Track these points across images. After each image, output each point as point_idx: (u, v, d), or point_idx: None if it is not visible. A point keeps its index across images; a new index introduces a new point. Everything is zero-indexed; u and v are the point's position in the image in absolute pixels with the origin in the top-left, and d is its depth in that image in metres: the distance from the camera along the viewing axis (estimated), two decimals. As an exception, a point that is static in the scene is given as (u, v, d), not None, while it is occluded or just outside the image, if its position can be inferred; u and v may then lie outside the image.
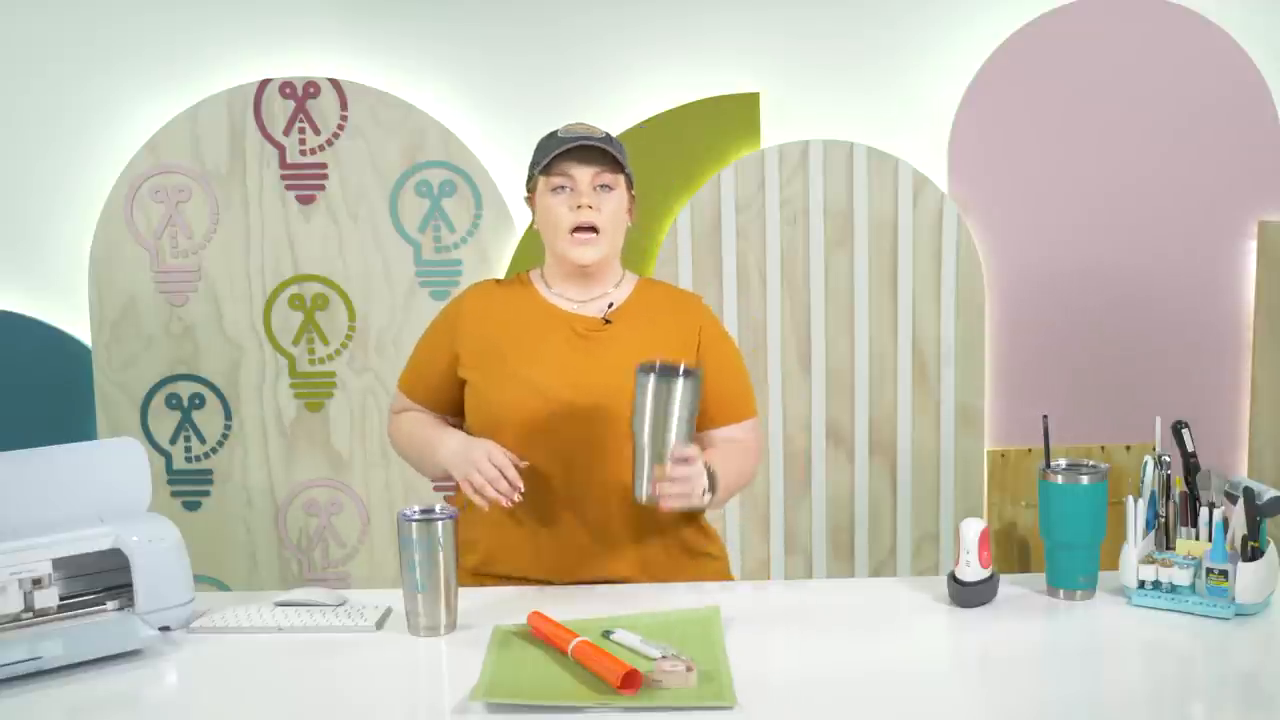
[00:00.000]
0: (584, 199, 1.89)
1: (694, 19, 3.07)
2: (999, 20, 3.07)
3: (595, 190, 1.90)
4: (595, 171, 1.90)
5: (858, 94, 3.09)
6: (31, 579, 1.63)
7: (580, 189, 1.89)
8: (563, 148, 1.89)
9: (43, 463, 1.74)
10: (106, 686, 1.54)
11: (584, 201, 1.89)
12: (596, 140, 1.89)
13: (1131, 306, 3.17)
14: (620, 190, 1.93)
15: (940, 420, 3.15)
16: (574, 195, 1.90)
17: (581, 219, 1.89)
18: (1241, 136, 3.11)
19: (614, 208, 1.92)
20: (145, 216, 3.06)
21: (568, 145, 1.88)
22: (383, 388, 3.12)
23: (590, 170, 1.89)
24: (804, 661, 1.60)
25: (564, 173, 1.90)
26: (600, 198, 1.90)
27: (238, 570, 3.15)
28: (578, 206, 1.89)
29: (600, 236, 1.90)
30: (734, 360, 2.03)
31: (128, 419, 3.11)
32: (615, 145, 1.93)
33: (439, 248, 3.09)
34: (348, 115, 3.05)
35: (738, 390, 2.02)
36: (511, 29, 3.06)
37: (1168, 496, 1.77)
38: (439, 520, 1.66)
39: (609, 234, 1.92)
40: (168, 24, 3.04)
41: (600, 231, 1.90)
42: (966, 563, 1.73)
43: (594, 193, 1.90)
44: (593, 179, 1.90)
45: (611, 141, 1.93)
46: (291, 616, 1.73)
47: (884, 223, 3.09)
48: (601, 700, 1.43)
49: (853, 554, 3.19)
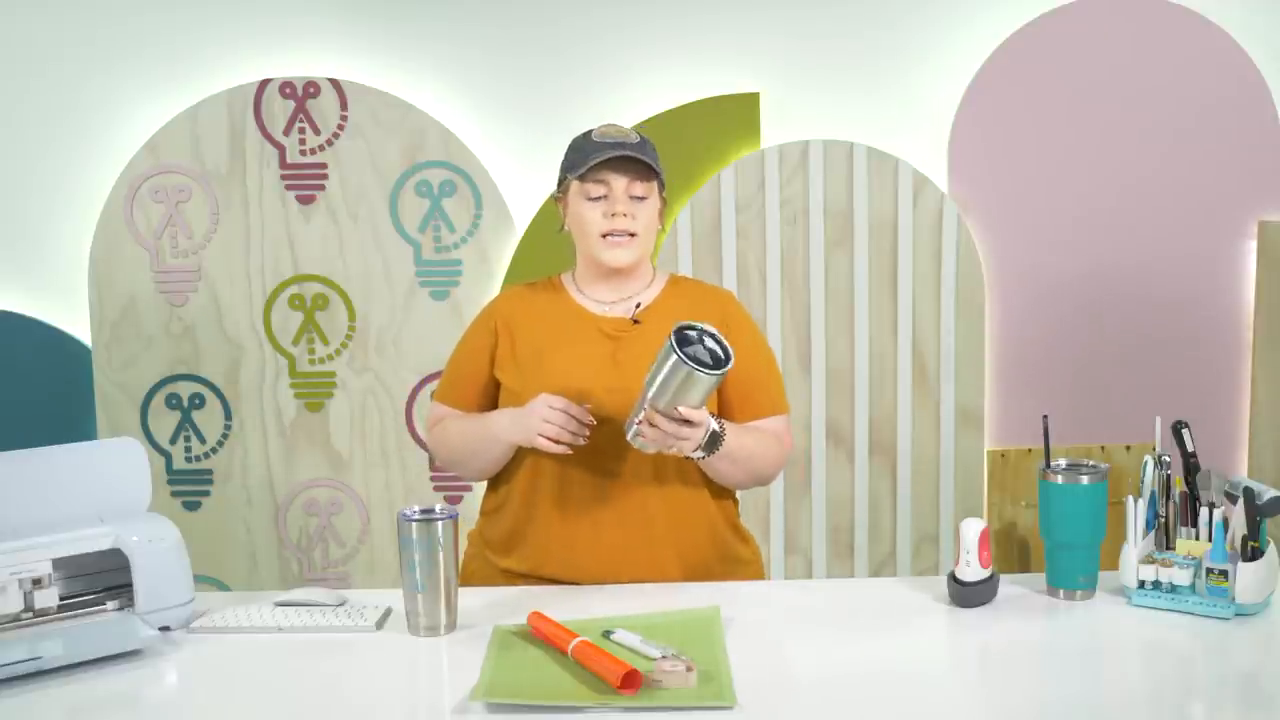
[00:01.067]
0: (619, 207, 1.89)
1: (694, 19, 3.07)
2: (999, 20, 3.07)
3: (630, 200, 1.90)
4: (630, 181, 1.89)
5: (858, 94, 3.09)
6: (31, 579, 1.63)
7: (615, 197, 1.89)
8: (601, 157, 1.87)
9: (43, 463, 1.74)
10: (106, 686, 1.54)
11: (619, 210, 1.89)
12: (632, 150, 1.88)
13: (1131, 306, 3.17)
14: (653, 198, 1.93)
15: (940, 420, 3.15)
16: (609, 204, 1.89)
17: (616, 226, 1.89)
18: (1241, 136, 3.11)
19: (648, 215, 1.92)
20: (145, 216, 3.06)
21: (605, 156, 1.87)
22: (383, 388, 3.12)
23: (625, 179, 1.89)
24: (804, 661, 1.60)
25: (600, 180, 1.89)
26: (634, 206, 1.90)
27: (238, 570, 3.15)
28: (613, 215, 1.89)
29: (634, 241, 1.91)
30: (757, 355, 2.01)
31: (128, 419, 3.11)
32: (649, 152, 1.92)
33: (439, 248, 3.09)
34: (348, 115, 3.05)
35: (762, 385, 1.99)
36: (511, 29, 3.07)
37: (1168, 496, 1.77)
38: (439, 520, 1.66)
39: (642, 240, 1.92)
40: (168, 24, 3.04)
41: (635, 236, 1.91)
42: (966, 563, 1.73)
43: (629, 202, 1.90)
44: (627, 188, 1.89)
45: (645, 147, 1.91)
46: (291, 616, 1.73)
47: (884, 223, 3.09)
48: (601, 700, 1.43)
49: (853, 554, 3.19)
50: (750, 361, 1.97)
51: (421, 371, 3.11)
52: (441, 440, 2.03)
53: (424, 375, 3.11)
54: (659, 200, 1.96)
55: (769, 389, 2.00)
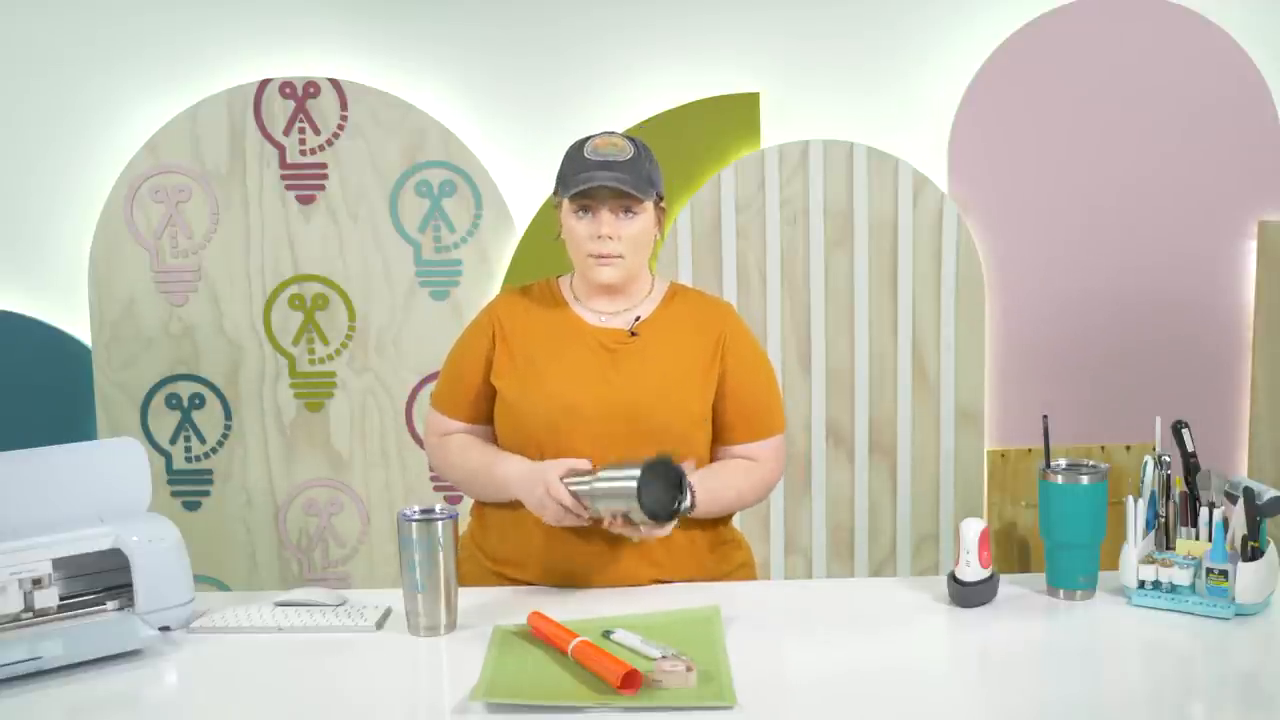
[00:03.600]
0: (604, 230, 1.86)
1: (694, 19, 3.07)
2: (999, 20, 3.07)
3: (617, 217, 1.87)
4: (616, 200, 1.86)
5: (858, 94, 3.09)
6: (31, 579, 1.63)
7: (601, 220, 1.86)
8: (584, 186, 1.84)
9: (43, 463, 1.74)
10: (106, 686, 1.54)
11: (604, 231, 1.86)
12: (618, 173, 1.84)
13: (1131, 306, 3.17)
14: (645, 213, 1.89)
15: (940, 420, 3.15)
16: (595, 224, 1.87)
17: (601, 249, 1.87)
18: (1241, 136, 3.11)
19: (636, 231, 1.88)
20: (145, 216, 3.06)
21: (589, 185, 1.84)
22: (383, 388, 3.12)
23: (611, 200, 1.86)
24: (804, 661, 1.60)
25: (587, 200, 1.87)
26: (622, 225, 1.87)
27: (238, 570, 3.15)
28: (598, 236, 1.87)
29: (621, 260, 1.88)
30: (757, 373, 1.98)
31: (128, 419, 3.11)
32: (640, 170, 1.87)
33: (439, 248, 3.09)
34: (348, 115, 3.05)
35: (760, 405, 1.97)
36: (511, 29, 3.06)
37: (1168, 496, 1.77)
38: (439, 520, 1.66)
39: (630, 258, 1.89)
40: (168, 24, 3.04)
41: (622, 256, 1.88)
42: (966, 563, 1.73)
43: (615, 223, 1.87)
44: (613, 206, 1.86)
45: (637, 164, 1.87)
46: (291, 616, 1.73)
47: (884, 223, 3.09)
48: (601, 700, 1.43)
49: (853, 554, 3.19)
50: (751, 381, 1.96)
51: (421, 371, 3.11)
52: (444, 459, 2.00)
53: (424, 375, 3.11)
54: (655, 211, 1.92)
55: (768, 410, 1.98)
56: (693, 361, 1.91)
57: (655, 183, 1.90)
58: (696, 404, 1.91)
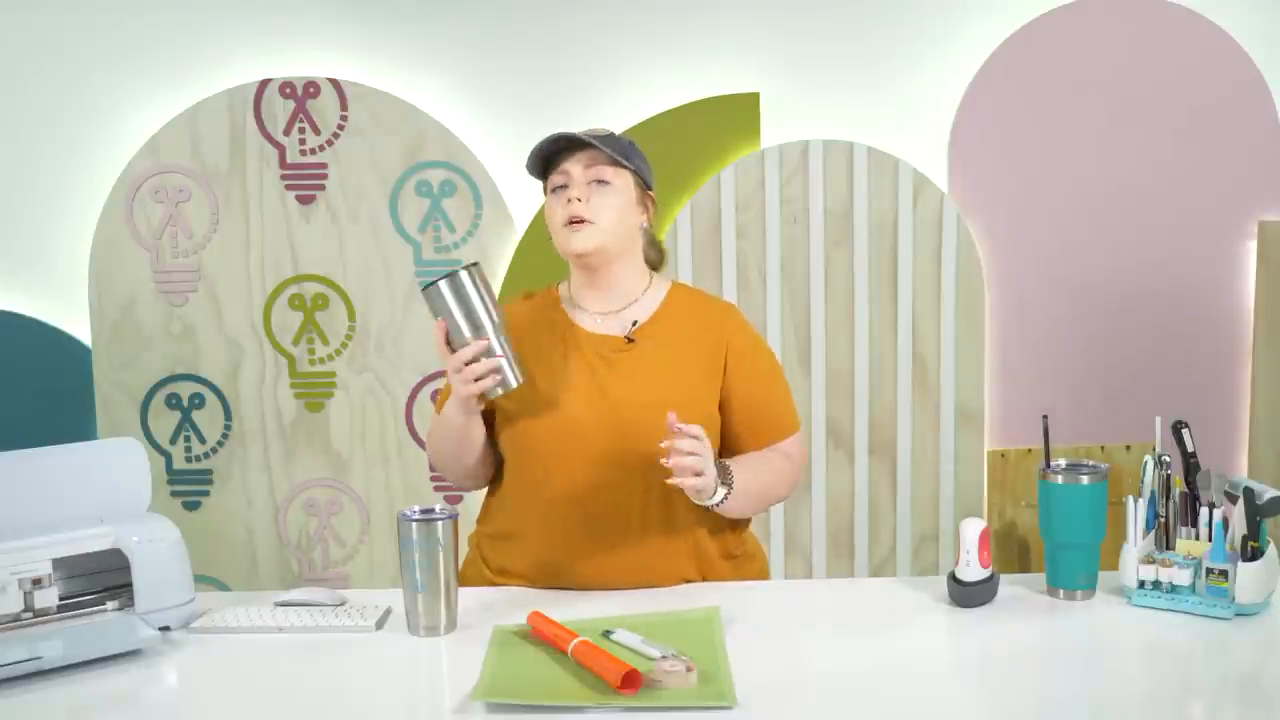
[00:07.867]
0: (574, 192, 1.85)
1: (694, 19, 3.07)
2: (999, 20, 3.07)
3: (589, 185, 1.86)
4: (587, 167, 1.86)
5: (858, 94, 3.09)
6: (31, 579, 1.63)
7: (574, 183, 1.86)
8: (549, 148, 1.86)
9: (43, 463, 1.74)
10: (106, 686, 1.54)
11: (574, 195, 1.85)
12: (582, 134, 1.86)
13: (1131, 306, 3.17)
14: (621, 186, 1.88)
15: (940, 420, 3.15)
16: (568, 191, 1.87)
17: (570, 212, 1.85)
18: (1241, 136, 3.11)
19: (611, 202, 1.86)
20: (145, 217, 3.06)
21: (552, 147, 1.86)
22: (383, 388, 3.12)
23: (582, 166, 1.86)
24: (804, 661, 1.60)
25: (559, 170, 1.88)
26: (595, 192, 1.86)
27: (238, 570, 3.15)
28: (568, 201, 1.86)
29: (593, 226, 1.85)
30: (767, 376, 1.96)
31: (128, 419, 3.11)
32: (615, 143, 1.88)
33: (439, 248, 3.09)
34: (348, 115, 3.05)
35: (773, 406, 1.96)
36: (511, 29, 3.07)
37: (1168, 496, 1.77)
38: (439, 520, 1.66)
39: (604, 227, 1.86)
40: (168, 24, 3.04)
41: (593, 222, 1.85)
42: (966, 563, 1.73)
43: (587, 187, 1.86)
44: (584, 173, 1.86)
45: (611, 139, 1.89)
46: (291, 616, 1.73)
47: (884, 223, 3.09)
48: (601, 700, 1.43)
49: (853, 554, 3.19)
50: (758, 386, 1.94)
51: (421, 371, 3.11)
52: (428, 444, 2.01)
53: (424, 375, 3.11)
54: (635, 192, 1.90)
55: (779, 412, 1.96)
56: (692, 367, 1.89)
57: (632, 158, 1.89)
58: (696, 413, 1.85)
